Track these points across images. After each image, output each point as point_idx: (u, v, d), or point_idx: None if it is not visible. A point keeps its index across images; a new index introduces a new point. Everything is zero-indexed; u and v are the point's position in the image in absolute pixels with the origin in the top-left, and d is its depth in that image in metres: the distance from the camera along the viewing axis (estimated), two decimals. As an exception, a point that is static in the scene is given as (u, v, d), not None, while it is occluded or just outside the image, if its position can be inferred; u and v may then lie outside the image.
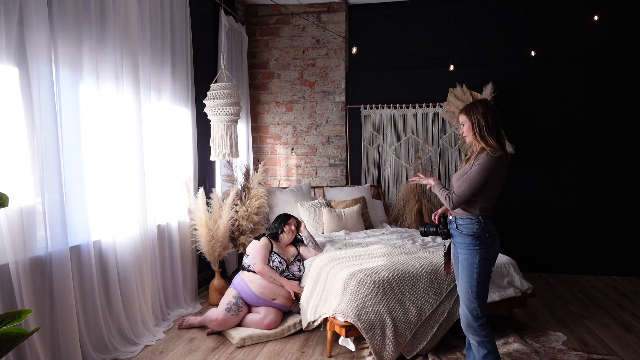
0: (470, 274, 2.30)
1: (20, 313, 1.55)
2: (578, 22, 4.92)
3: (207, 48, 4.51)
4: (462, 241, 2.34)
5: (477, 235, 2.29)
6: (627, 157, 4.85)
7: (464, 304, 2.34)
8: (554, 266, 5.04)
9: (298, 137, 5.56)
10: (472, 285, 2.29)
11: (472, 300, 2.30)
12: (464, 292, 2.33)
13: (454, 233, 2.41)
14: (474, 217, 2.32)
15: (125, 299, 3.10)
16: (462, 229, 2.34)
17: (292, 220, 3.66)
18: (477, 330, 2.31)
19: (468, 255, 2.31)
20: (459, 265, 2.36)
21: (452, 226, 2.41)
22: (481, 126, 2.31)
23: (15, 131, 2.37)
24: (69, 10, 2.63)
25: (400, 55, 5.31)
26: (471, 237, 2.30)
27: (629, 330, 3.38)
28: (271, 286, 3.39)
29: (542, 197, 5.04)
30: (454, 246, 2.44)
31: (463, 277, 2.33)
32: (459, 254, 2.36)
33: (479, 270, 2.28)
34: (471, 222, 2.31)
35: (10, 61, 2.32)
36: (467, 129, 2.37)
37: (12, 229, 2.29)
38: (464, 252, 2.33)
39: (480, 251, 2.29)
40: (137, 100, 3.22)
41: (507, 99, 5.00)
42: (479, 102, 2.37)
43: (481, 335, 2.31)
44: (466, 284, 2.31)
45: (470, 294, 2.30)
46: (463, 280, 2.33)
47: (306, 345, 3.15)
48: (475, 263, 2.28)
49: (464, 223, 2.34)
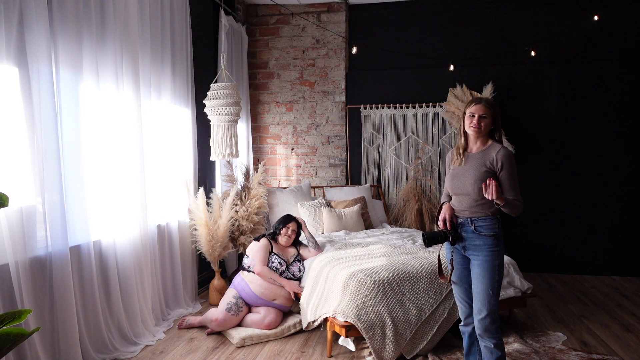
0: (492, 276, 2.21)
1: (20, 313, 1.55)
2: (578, 22, 4.92)
3: (207, 48, 4.52)
4: (482, 243, 2.23)
5: (499, 235, 2.23)
6: (627, 157, 4.85)
7: (484, 307, 2.21)
8: (554, 266, 5.04)
9: (298, 137, 5.56)
10: (494, 288, 2.21)
11: (492, 303, 2.21)
12: (483, 295, 2.21)
13: (469, 236, 2.28)
14: (494, 216, 2.25)
15: (125, 299, 3.10)
16: (482, 230, 2.24)
17: (292, 224, 3.60)
18: (494, 333, 2.23)
19: (490, 257, 2.21)
20: (476, 268, 2.25)
21: (468, 229, 2.28)
22: (498, 122, 2.31)
23: (15, 131, 2.37)
24: (69, 10, 2.63)
25: (400, 55, 5.31)
26: (493, 237, 2.22)
27: (629, 330, 3.38)
28: (271, 286, 3.39)
29: (542, 197, 5.04)
30: (457, 251, 2.34)
31: (484, 280, 2.22)
32: (477, 257, 2.25)
33: (500, 271, 2.22)
34: (492, 222, 2.24)
35: (10, 61, 2.32)
36: (487, 123, 2.28)
37: (12, 229, 2.29)
38: (484, 254, 2.22)
39: (501, 252, 2.24)
40: (137, 100, 3.22)
41: (507, 99, 5.00)
42: (491, 99, 2.40)
43: (497, 337, 2.23)
44: (487, 287, 2.21)
45: (491, 297, 2.21)
46: (483, 284, 2.22)
47: (306, 345, 3.15)
48: (497, 265, 2.21)
49: (484, 224, 2.24)
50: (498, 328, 2.25)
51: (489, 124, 2.29)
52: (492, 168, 2.25)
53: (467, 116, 2.31)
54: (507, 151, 2.26)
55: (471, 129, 2.29)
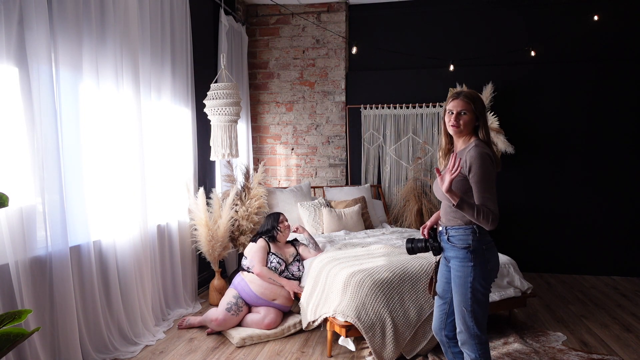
0: (464, 292, 1.97)
1: (20, 313, 1.55)
2: (578, 22, 4.92)
3: (207, 48, 4.52)
4: (454, 255, 2.01)
5: (472, 248, 1.95)
6: (627, 157, 4.84)
7: (459, 321, 2.03)
8: (554, 266, 5.04)
9: (298, 137, 5.56)
10: (467, 305, 1.97)
11: (467, 319, 1.98)
12: (458, 311, 2.02)
13: (445, 246, 2.06)
14: (468, 226, 1.97)
15: (125, 298, 3.10)
16: (454, 240, 2.00)
17: (282, 217, 3.69)
18: (474, 348, 2.01)
19: (461, 273, 1.97)
20: (452, 282, 2.04)
21: (443, 238, 2.06)
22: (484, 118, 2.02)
23: (15, 131, 2.37)
24: (69, 10, 2.63)
25: (400, 55, 5.31)
26: (465, 250, 1.96)
27: (629, 330, 3.38)
28: (271, 286, 3.39)
29: (542, 197, 5.04)
30: (443, 262, 2.16)
31: (457, 295, 2.01)
32: (452, 270, 2.04)
33: (473, 289, 1.95)
34: (465, 233, 1.97)
35: (10, 61, 2.32)
36: (468, 120, 2.00)
37: (12, 229, 2.29)
38: (456, 268, 2.00)
39: (475, 268, 1.94)
40: (137, 100, 3.22)
41: (507, 99, 5.00)
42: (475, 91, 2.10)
43: (477, 352, 2.01)
44: (460, 303, 1.99)
45: (465, 313, 1.98)
46: (457, 299, 2.01)
47: (306, 345, 3.15)
48: (469, 282, 1.95)
49: (456, 234, 1.99)
50: (481, 345, 2.01)
51: (471, 120, 2.01)
52: (463, 171, 1.96)
53: (447, 114, 2.06)
54: (479, 151, 1.93)
55: (450, 128, 2.03)
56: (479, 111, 2.02)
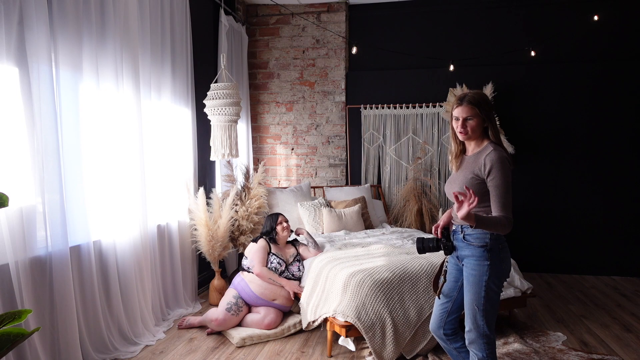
0: (477, 291, 2.01)
1: (20, 313, 1.55)
2: (578, 22, 4.92)
3: (207, 48, 4.52)
4: (470, 253, 2.04)
5: (489, 247, 1.99)
6: (627, 157, 4.85)
7: (470, 320, 2.05)
8: (554, 266, 5.04)
9: (298, 137, 5.56)
10: (479, 304, 2.00)
11: (478, 318, 2.02)
12: (469, 309, 2.05)
13: (459, 245, 2.09)
14: None
15: (125, 299, 3.10)
16: (471, 239, 2.03)
17: (281, 218, 3.67)
18: (482, 347, 2.04)
19: (476, 271, 2.01)
20: (465, 280, 2.08)
21: (458, 237, 2.09)
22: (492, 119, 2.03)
23: (15, 131, 2.37)
24: (69, 10, 2.63)
25: (400, 55, 5.31)
26: (482, 248, 2.00)
27: (629, 330, 3.38)
28: (271, 286, 3.39)
29: (542, 197, 5.04)
30: (453, 262, 2.19)
31: (469, 294, 2.04)
32: (465, 269, 2.07)
33: (487, 288, 1.99)
34: (482, 231, 1.99)
35: (10, 61, 2.32)
36: (475, 124, 2.03)
37: (12, 229, 2.29)
38: (470, 266, 2.03)
39: (491, 266, 1.99)
40: (137, 100, 3.22)
41: (507, 99, 5.00)
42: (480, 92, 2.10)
43: (485, 352, 2.04)
44: (472, 301, 2.02)
45: (476, 312, 2.02)
46: (469, 298, 2.04)
47: (306, 345, 3.15)
48: (484, 280, 1.99)
49: (473, 232, 2.02)
50: (489, 345, 2.04)
51: (479, 125, 2.04)
52: (480, 174, 2.00)
53: (453, 119, 2.10)
54: (498, 154, 1.96)
55: (459, 135, 2.08)
56: (485, 113, 2.04)
